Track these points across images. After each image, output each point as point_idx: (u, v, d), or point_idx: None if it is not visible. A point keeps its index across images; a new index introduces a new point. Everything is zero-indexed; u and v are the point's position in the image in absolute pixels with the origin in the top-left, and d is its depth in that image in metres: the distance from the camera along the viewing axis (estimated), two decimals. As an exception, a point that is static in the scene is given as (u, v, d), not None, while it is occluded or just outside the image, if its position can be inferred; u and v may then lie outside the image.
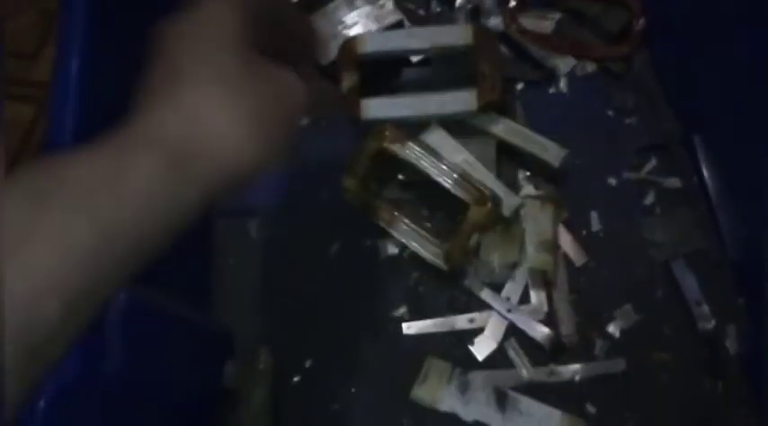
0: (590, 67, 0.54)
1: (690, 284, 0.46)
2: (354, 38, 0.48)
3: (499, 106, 0.49)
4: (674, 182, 0.50)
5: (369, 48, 0.47)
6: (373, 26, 0.51)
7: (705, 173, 0.49)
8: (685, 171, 0.50)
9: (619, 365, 0.44)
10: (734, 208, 0.47)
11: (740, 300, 0.45)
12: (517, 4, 0.54)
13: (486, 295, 0.46)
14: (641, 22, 0.52)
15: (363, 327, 0.48)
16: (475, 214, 0.44)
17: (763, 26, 0.40)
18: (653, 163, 0.51)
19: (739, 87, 0.44)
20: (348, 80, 0.48)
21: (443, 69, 0.51)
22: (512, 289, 0.46)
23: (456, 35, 0.48)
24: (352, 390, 0.46)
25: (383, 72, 0.51)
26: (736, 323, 0.45)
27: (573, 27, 0.54)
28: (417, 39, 0.48)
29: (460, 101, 0.47)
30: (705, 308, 0.46)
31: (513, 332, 0.46)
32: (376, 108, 0.47)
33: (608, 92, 0.53)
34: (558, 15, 0.54)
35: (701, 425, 0.44)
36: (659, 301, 0.47)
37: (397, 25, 0.51)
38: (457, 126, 0.48)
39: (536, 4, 0.54)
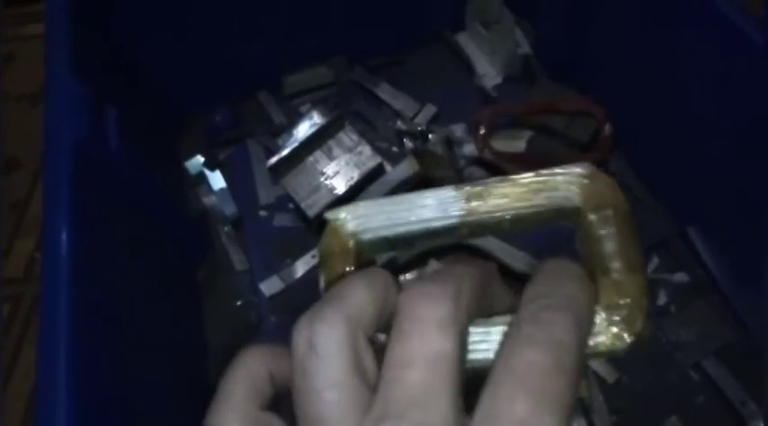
0: (569, 177, 0.55)
1: (729, 382, 0.44)
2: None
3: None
4: (681, 277, 0.49)
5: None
6: (354, 173, 0.51)
7: (708, 263, 0.49)
8: (689, 264, 0.49)
9: (684, 488, 0.41)
10: (745, 293, 0.46)
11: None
12: (487, 130, 0.55)
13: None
14: (608, 127, 0.54)
15: None
16: None
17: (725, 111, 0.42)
18: (655, 262, 0.50)
19: (722, 173, 0.45)
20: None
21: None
22: (550, 423, 0.43)
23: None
24: None
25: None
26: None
27: (544, 142, 0.55)
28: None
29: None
30: (752, 407, 0.43)
31: (562, 470, 0.42)
32: None
33: (593, 198, 0.53)
34: (528, 134, 0.56)
35: None
36: (703, 407, 0.44)
37: (378, 169, 0.51)
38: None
39: (505, 127, 0.56)
